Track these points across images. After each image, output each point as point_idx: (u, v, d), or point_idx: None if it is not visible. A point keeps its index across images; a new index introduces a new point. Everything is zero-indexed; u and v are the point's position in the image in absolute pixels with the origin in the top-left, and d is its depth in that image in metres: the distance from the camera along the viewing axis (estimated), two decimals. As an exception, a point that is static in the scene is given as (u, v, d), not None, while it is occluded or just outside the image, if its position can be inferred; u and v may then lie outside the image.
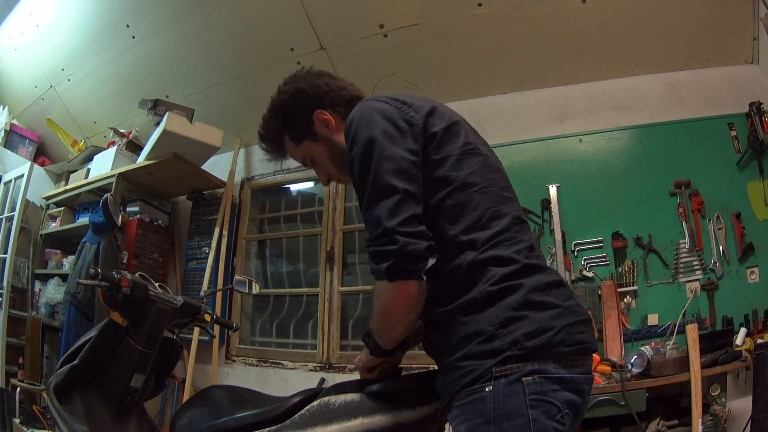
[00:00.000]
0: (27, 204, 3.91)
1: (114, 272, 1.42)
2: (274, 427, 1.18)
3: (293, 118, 1.17)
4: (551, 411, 0.87)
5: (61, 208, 3.91)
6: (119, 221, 1.57)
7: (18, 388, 3.15)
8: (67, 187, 3.84)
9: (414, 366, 2.87)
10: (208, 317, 1.71)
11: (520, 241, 0.99)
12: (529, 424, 0.85)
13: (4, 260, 3.73)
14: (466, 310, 0.94)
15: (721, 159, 2.52)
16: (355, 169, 0.98)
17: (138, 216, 3.48)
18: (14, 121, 4.43)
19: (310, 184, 3.71)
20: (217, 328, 2.84)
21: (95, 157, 3.82)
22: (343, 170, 1.16)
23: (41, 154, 4.57)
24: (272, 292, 3.60)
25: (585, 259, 2.66)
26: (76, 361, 1.43)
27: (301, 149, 1.20)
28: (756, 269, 2.36)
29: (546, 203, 2.76)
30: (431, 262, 0.91)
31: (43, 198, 4.03)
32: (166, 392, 3.28)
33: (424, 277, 0.92)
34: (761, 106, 2.42)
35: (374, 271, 0.93)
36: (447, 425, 1.14)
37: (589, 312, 2.37)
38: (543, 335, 0.89)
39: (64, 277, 3.63)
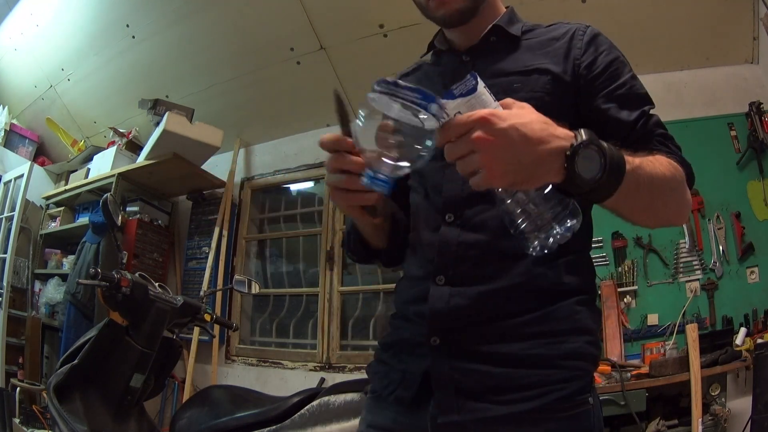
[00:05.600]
0: (27, 204, 3.91)
1: (114, 272, 1.43)
2: (274, 427, 1.18)
3: None
4: None
5: (61, 208, 3.91)
6: (119, 221, 1.58)
7: (18, 388, 3.15)
8: (67, 187, 3.84)
9: (414, 366, 2.88)
10: (207, 317, 1.72)
11: None
12: None
13: (4, 260, 3.73)
14: (586, 296, 0.83)
15: (721, 159, 2.51)
16: (629, 71, 0.93)
17: (138, 216, 3.48)
18: (14, 121, 4.43)
19: (310, 184, 3.71)
20: (216, 327, 2.84)
21: (95, 157, 3.83)
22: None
23: (41, 154, 4.56)
24: (272, 292, 3.59)
25: (585, 259, 2.66)
26: (76, 361, 1.44)
27: None
28: (756, 269, 2.35)
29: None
30: None
31: (43, 198, 4.03)
32: (166, 392, 3.28)
33: None
34: (761, 106, 2.42)
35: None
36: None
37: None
38: None
39: (64, 277, 3.63)
